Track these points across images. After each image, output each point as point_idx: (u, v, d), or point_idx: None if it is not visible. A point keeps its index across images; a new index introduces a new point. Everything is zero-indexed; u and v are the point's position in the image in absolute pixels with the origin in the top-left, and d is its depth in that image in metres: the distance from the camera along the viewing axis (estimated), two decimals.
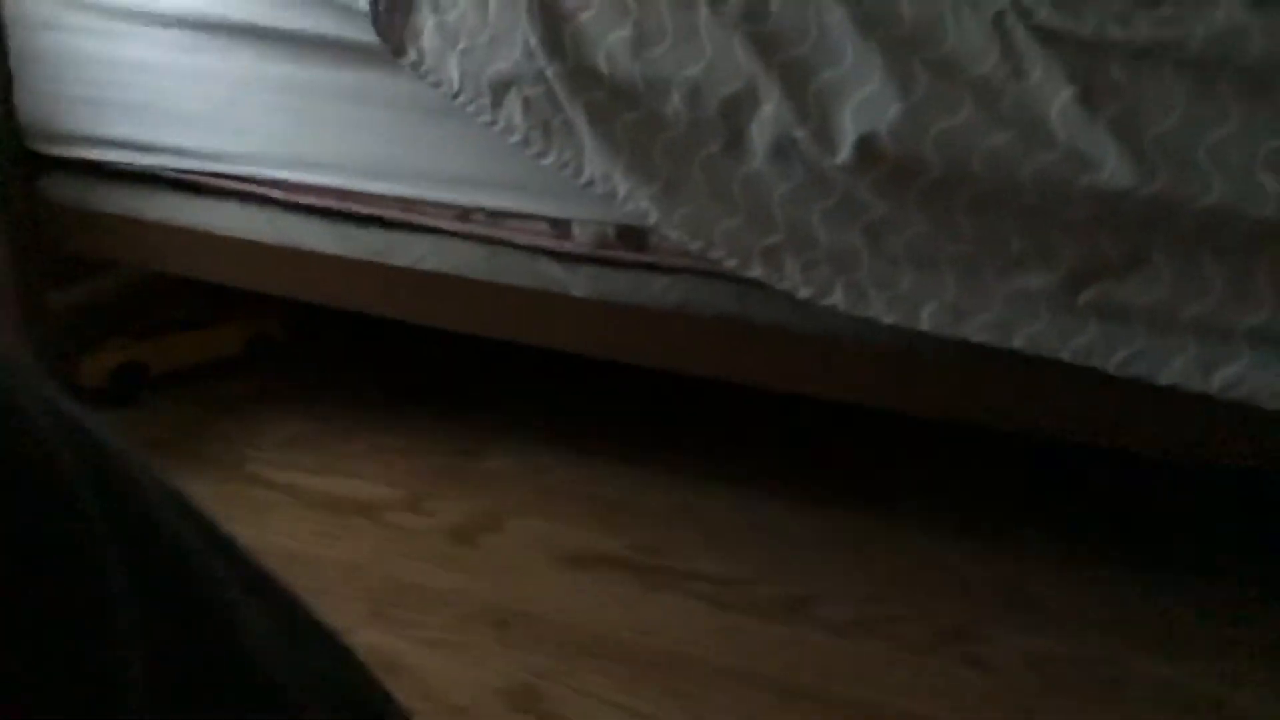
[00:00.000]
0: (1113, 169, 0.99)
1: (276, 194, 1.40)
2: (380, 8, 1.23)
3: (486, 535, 1.40)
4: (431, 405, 1.67)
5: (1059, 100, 1.01)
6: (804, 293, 1.16)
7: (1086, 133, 1.00)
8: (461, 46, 1.22)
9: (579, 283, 1.31)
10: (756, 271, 1.18)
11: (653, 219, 1.19)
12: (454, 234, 1.36)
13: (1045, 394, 1.13)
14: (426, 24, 1.23)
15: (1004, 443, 1.45)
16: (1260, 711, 1.12)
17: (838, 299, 1.15)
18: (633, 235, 1.27)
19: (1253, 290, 1.01)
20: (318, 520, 1.42)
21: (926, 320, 1.12)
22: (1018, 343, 1.09)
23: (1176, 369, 1.04)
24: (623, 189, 1.19)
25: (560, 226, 1.30)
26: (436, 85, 1.24)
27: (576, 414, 1.64)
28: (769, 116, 1.11)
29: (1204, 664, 1.18)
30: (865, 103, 1.07)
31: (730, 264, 1.18)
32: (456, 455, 1.56)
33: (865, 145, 1.07)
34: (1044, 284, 1.07)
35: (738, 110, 1.13)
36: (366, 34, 1.23)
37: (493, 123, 1.23)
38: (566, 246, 1.31)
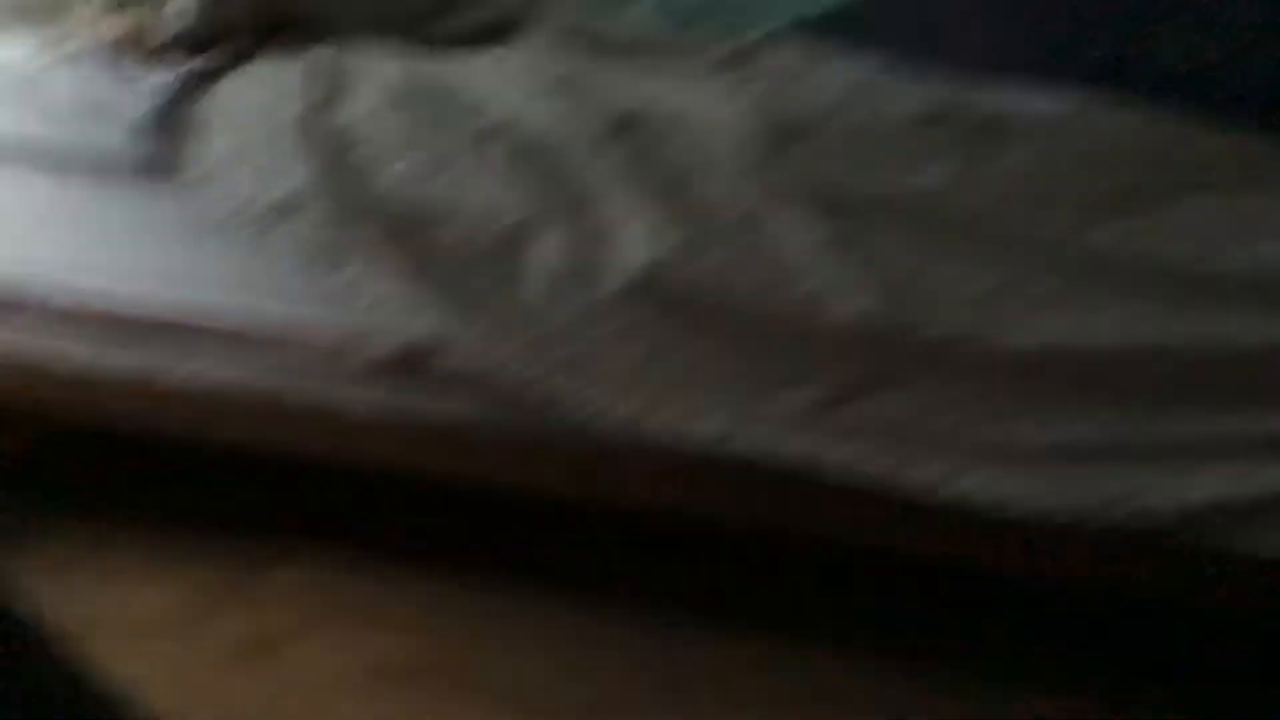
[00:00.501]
0: (860, 300, 1.18)
1: (45, 308, 1.36)
2: (158, 127, 1.26)
3: (269, 653, 1.37)
4: (217, 519, 1.62)
5: (811, 239, 1.18)
6: (588, 411, 1.25)
7: (836, 268, 1.18)
8: (240, 168, 1.26)
9: (365, 401, 1.35)
10: (543, 391, 1.26)
11: (439, 339, 1.26)
12: (232, 348, 1.37)
13: (815, 503, 1.26)
14: (204, 143, 1.27)
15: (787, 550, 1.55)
16: None
17: (621, 417, 1.25)
18: (418, 354, 1.33)
19: (989, 409, 1.19)
20: (94, 643, 1.34)
21: (705, 435, 1.24)
22: (785, 456, 1.22)
23: (925, 479, 1.20)
24: (403, 311, 1.26)
25: (344, 344, 1.34)
26: (216, 203, 1.27)
27: (369, 527, 1.64)
28: (546, 248, 1.22)
29: None
30: (635, 239, 1.20)
31: (518, 383, 1.26)
32: (242, 570, 1.53)
33: (636, 278, 1.19)
34: (808, 401, 1.21)
35: (516, 241, 1.23)
36: (144, 150, 1.25)
37: (270, 244, 1.27)
38: (350, 363, 1.35)
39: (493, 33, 1.50)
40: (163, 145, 1.27)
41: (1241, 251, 1.14)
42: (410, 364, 1.34)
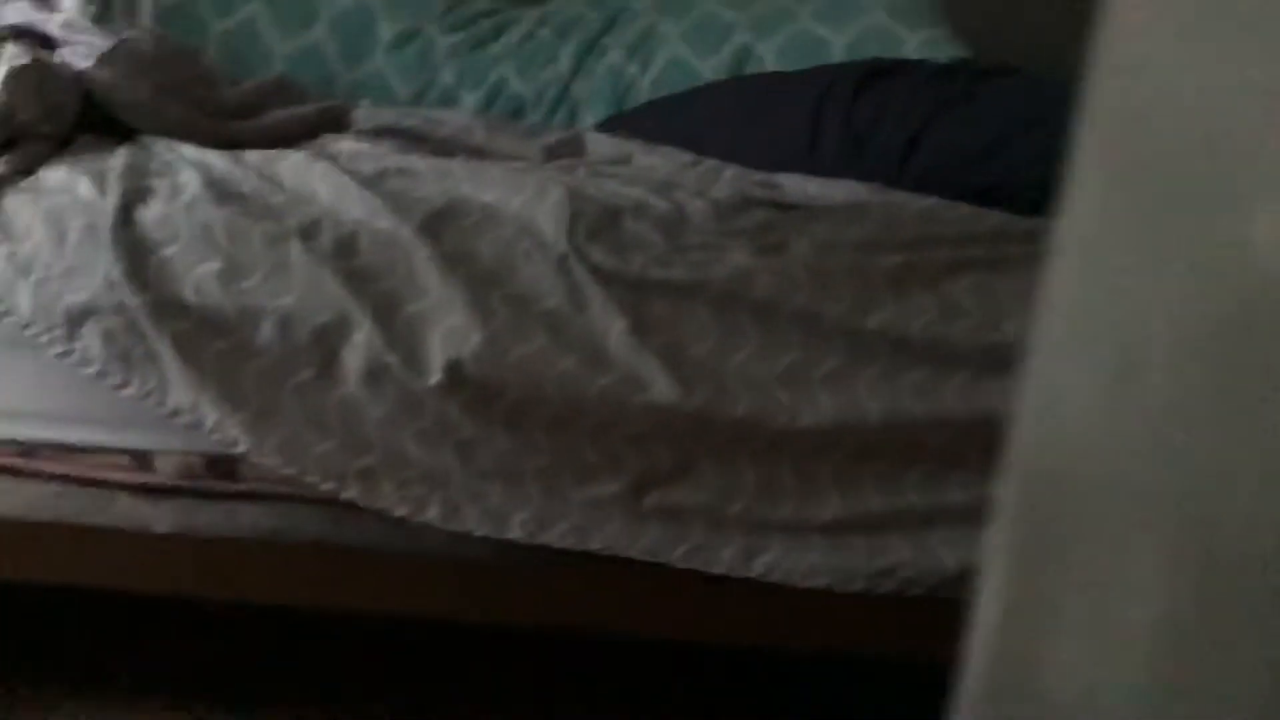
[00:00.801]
0: (661, 388, 1.22)
1: None
2: None
3: None
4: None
5: (614, 329, 1.23)
6: (400, 511, 1.26)
7: (637, 357, 1.22)
8: (35, 277, 1.24)
9: (162, 517, 1.32)
10: (352, 493, 1.27)
11: (243, 447, 1.25)
12: (16, 473, 1.32)
13: (625, 591, 1.29)
14: None
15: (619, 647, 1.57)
16: None
17: (433, 515, 1.26)
18: (221, 464, 1.32)
19: (779, 488, 1.25)
20: None
21: (516, 529, 1.26)
22: (595, 545, 1.26)
23: (725, 559, 1.25)
24: (210, 418, 1.25)
25: (141, 458, 1.32)
26: (4, 315, 1.24)
27: (166, 662, 1.57)
28: (361, 343, 1.24)
29: None
30: (450, 331, 1.23)
31: (326, 488, 1.26)
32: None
33: (451, 370, 1.22)
34: (613, 491, 1.26)
35: (330, 338, 1.24)
36: None
37: (67, 353, 1.25)
38: (148, 479, 1.32)
39: (306, 133, 1.53)
40: None
41: (997, 326, 1.25)
42: (216, 471, 1.32)
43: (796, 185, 1.46)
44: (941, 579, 1.28)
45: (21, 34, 1.44)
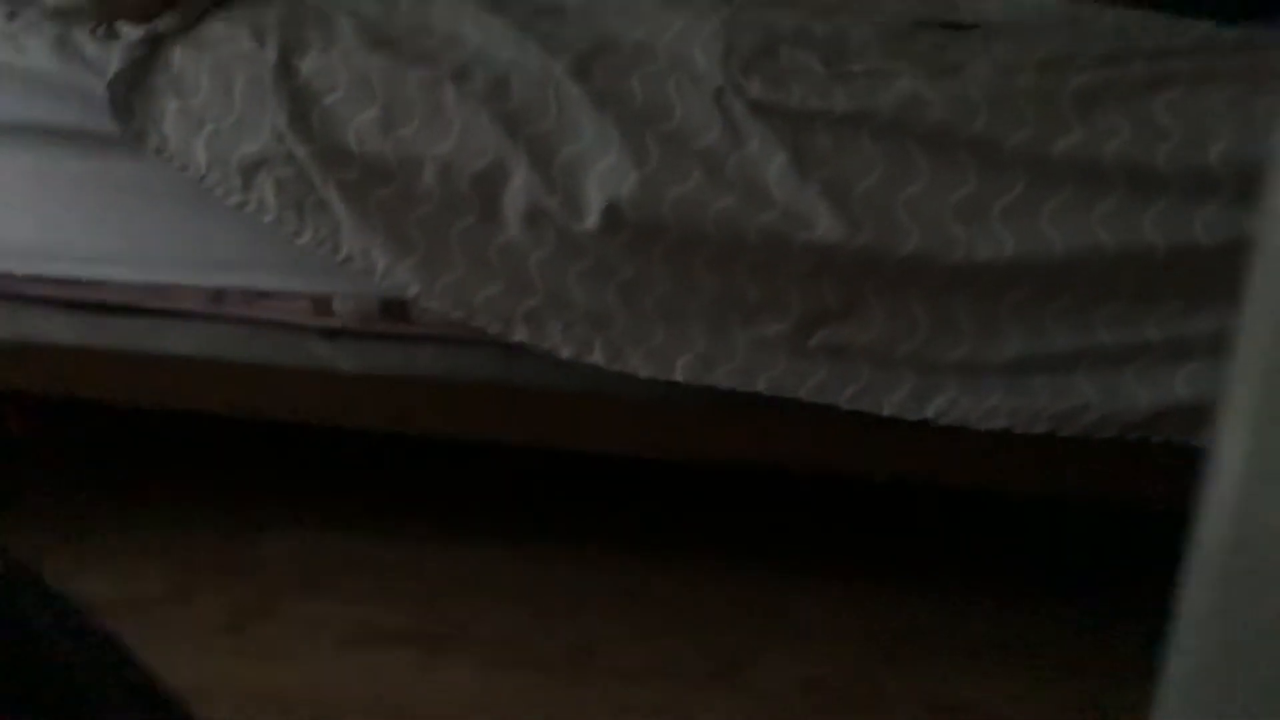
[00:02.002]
0: (825, 225, 1.21)
1: (23, 289, 1.45)
2: (119, 94, 1.32)
3: (260, 621, 1.47)
4: (196, 492, 1.73)
5: (774, 165, 1.21)
6: (565, 352, 1.32)
7: (799, 193, 1.21)
8: (208, 129, 1.32)
9: (344, 358, 1.43)
10: (519, 335, 1.33)
11: (413, 291, 1.33)
12: (209, 317, 1.44)
13: (789, 432, 1.32)
14: (169, 109, 1.33)
15: (759, 481, 1.64)
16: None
17: (598, 357, 1.31)
18: (395, 308, 1.40)
19: (954, 326, 1.24)
20: None
21: (680, 371, 1.30)
22: (761, 386, 1.28)
23: (896, 400, 1.25)
24: (381, 263, 1.32)
25: (321, 303, 1.41)
26: (183, 169, 1.34)
27: (347, 490, 1.74)
28: (519, 188, 1.27)
29: (958, 673, 1.39)
30: (606, 173, 1.24)
31: (493, 330, 1.33)
32: (225, 542, 1.63)
33: (610, 212, 1.25)
34: (779, 330, 1.27)
35: (489, 183, 1.28)
36: (107, 122, 1.31)
37: (244, 204, 1.33)
38: (329, 322, 1.42)
39: None
40: (127, 116, 1.34)
41: (1202, 148, 1.17)
42: (390, 315, 1.41)
43: (973, 2, 1.38)
44: (1133, 421, 1.26)
45: None
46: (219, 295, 1.44)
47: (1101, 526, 1.59)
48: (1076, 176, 1.20)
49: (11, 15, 1.37)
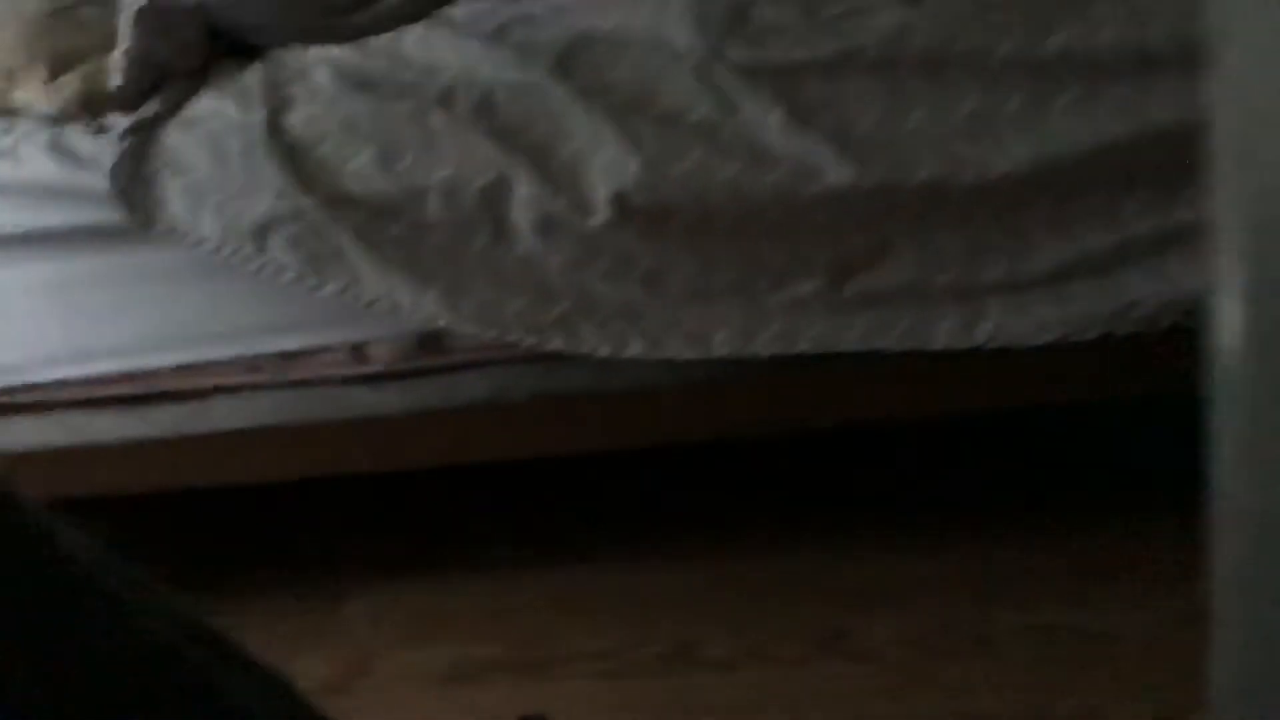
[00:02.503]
0: (834, 172, 1.21)
1: (60, 395, 1.48)
2: (121, 185, 1.35)
3: (361, 679, 1.49)
4: (255, 565, 1.74)
5: (772, 123, 1.22)
6: (604, 351, 1.33)
7: (802, 145, 1.21)
8: (212, 201, 1.35)
9: (390, 401, 1.44)
10: (555, 344, 1.34)
11: (442, 321, 1.34)
12: (249, 387, 1.47)
13: (843, 387, 1.32)
14: (172, 189, 1.36)
15: (821, 444, 1.63)
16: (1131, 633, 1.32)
17: (636, 349, 1.32)
18: (431, 341, 1.42)
19: (986, 248, 1.23)
20: None
21: (720, 347, 1.30)
22: (804, 347, 1.28)
23: (943, 334, 1.25)
24: (406, 300, 1.34)
25: (357, 351, 1.43)
26: (197, 244, 1.37)
27: (417, 533, 1.75)
28: (525, 198, 1.29)
29: (1066, 609, 1.37)
30: (607, 166, 1.26)
31: (528, 343, 1.34)
32: (305, 610, 1.64)
33: (618, 204, 1.26)
34: (811, 288, 1.27)
35: (495, 199, 1.30)
36: (114, 214, 1.34)
37: (262, 268, 1.36)
38: (368, 368, 1.44)
39: (420, 11, 1.56)
40: (132, 204, 1.37)
41: (1193, 22, 1.16)
42: (427, 349, 1.43)
43: None
44: (1186, 307, 1.24)
45: None
46: (255, 364, 1.46)
47: (1167, 429, 1.57)
48: (1075, 72, 1.19)
49: (4, 131, 1.41)
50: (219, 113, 1.36)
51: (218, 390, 1.48)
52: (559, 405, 1.41)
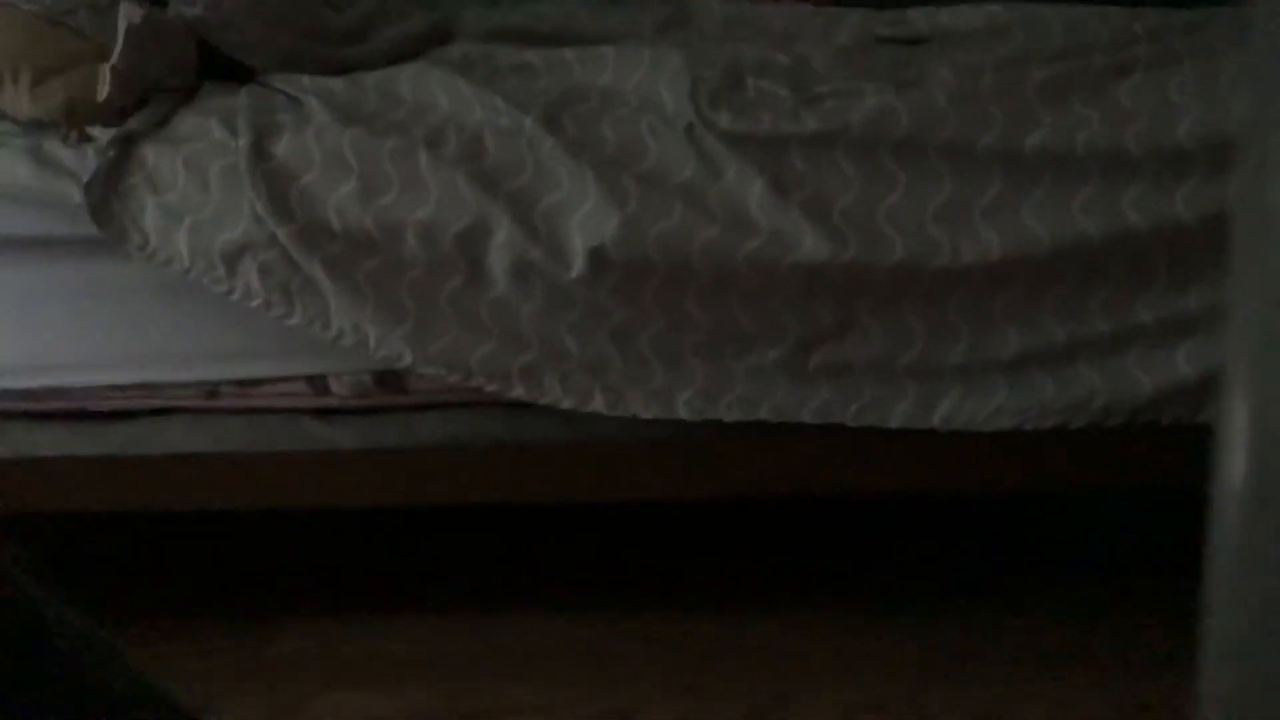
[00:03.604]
0: (810, 245, 1.24)
1: (8, 405, 1.46)
2: (97, 198, 1.36)
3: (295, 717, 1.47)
4: (191, 595, 1.71)
5: (754, 192, 1.26)
6: (566, 403, 1.35)
7: (782, 217, 1.25)
8: (187, 222, 1.36)
9: (345, 436, 1.45)
10: (518, 391, 1.35)
11: (407, 360, 1.35)
12: (206, 411, 1.46)
13: (801, 458, 1.35)
14: (147, 206, 1.36)
15: (776, 511, 1.65)
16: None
17: (598, 403, 1.34)
18: (391, 379, 1.43)
19: (950, 331, 1.27)
20: None
21: (682, 408, 1.33)
22: (764, 414, 1.31)
23: (901, 412, 1.28)
24: (373, 335, 1.35)
25: (316, 383, 1.44)
26: (167, 264, 1.37)
27: (360, 574, 1.74)
28: (503, 243, 1.31)
29: (997, 685, 1.39)
30: (588, 219, 1.28)
31: (491, 388, 1.35)
32: (240, 646, 1.62)
33: (595, 257, 1.28)
34: (776, 356, 1.30)
35: (473, 242, 1.32)
36: (88, 226, 1.35)
37: (231, 291, 1.36)
38: (326, 402, 1.44)
39: (416, 48, 1.59)
40: (107, 218, 1.37)
41: (1170, 127, 1.22)
42: (386, 387, 1.43)
43: (926, 16, 1.44)
44: (1140, 404, 1.29)
45: None
46: (213, 389, 1.46)
47: (1115, 520, 1.61)
48: (1052, 169, 1.24)
49: None
50: (203, 133, 1.38)
51: (173, 412, 1.47)
52: (517, 454, 1.42)
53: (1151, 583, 1.47)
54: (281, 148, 1.35)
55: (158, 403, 1.47)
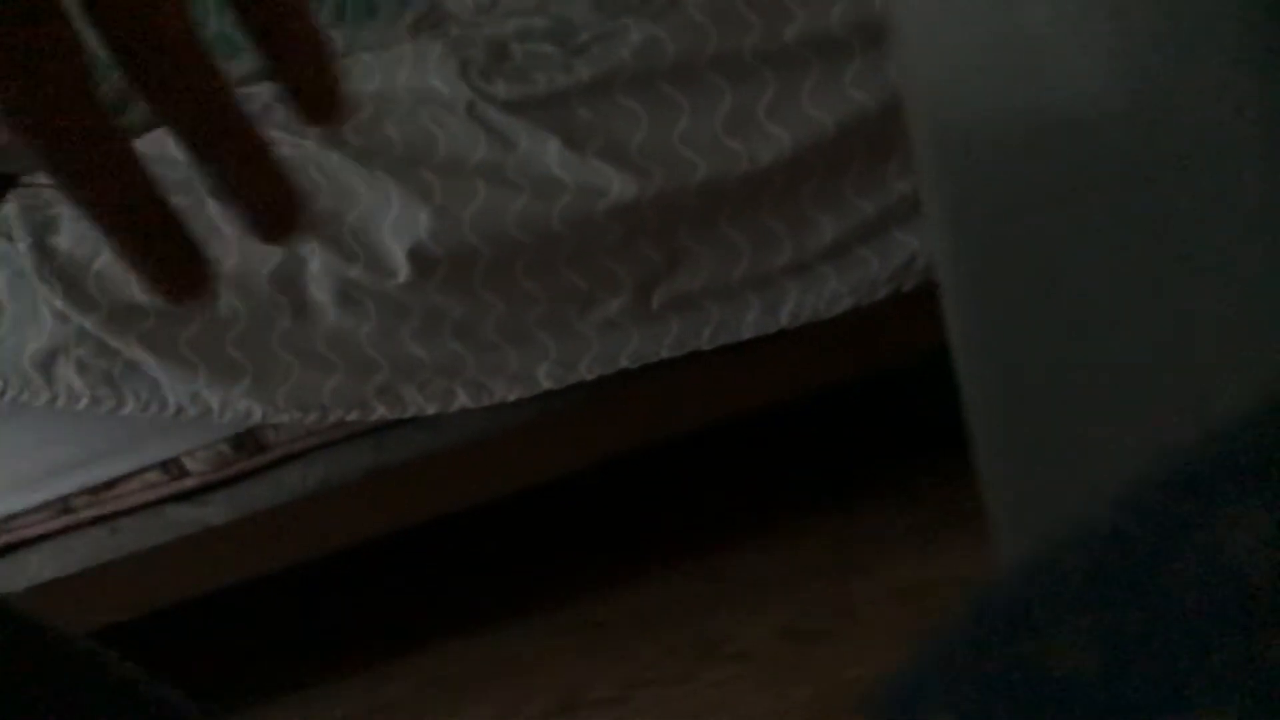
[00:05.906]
0: (618, 186, 1.28)
1: None
2: None
3: None
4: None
5: (550, 151, 1.28)
6: (430, 409, 1.35)
7: (584, 167, 1.28)
8: None
9: (214, 513, 1.41)
10: (379, 413, 1.35)
11: (257, 415, 1.33)
12: (63, 531, 1.41)
13: (673, 397, 1.38)
14: None
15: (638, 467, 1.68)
16: None
17: (463, 401, 1.35)
18: (249, 440, 1.40)
19: (769, 235, 1.32)
20: None
21: (545, 380, 1.34)
22: (625, 363, 1.34)
23: (751, 322, 1.33)
24: (215, 401, 1.33)
25: (171, 467, 1.40)
26: None
27: (260, 648, 1.69)
28: (320, 271, 1.30)
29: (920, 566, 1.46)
30: (398, 222, 1.29)
31: (351, 418, 1.34)
32: None
33: (417, 258, 1.29)
34: (620, 306, 1.33)
35: (289, 278, 1.31)
36: None
37: (53, 399, 1.32)
38: (185, 485, 1.41)
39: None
40: None
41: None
42: (244, 449, 1.41)
43: None
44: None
45: None
46: (66, 504, 1.40)
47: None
48: (816, 54, 1.31)
49: None
50: None
51: (28, 543, 1.42)
52: (394, 476, 1.41)
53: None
54: (64, 240, 1.31)
55: (10, 537, 1.41)
